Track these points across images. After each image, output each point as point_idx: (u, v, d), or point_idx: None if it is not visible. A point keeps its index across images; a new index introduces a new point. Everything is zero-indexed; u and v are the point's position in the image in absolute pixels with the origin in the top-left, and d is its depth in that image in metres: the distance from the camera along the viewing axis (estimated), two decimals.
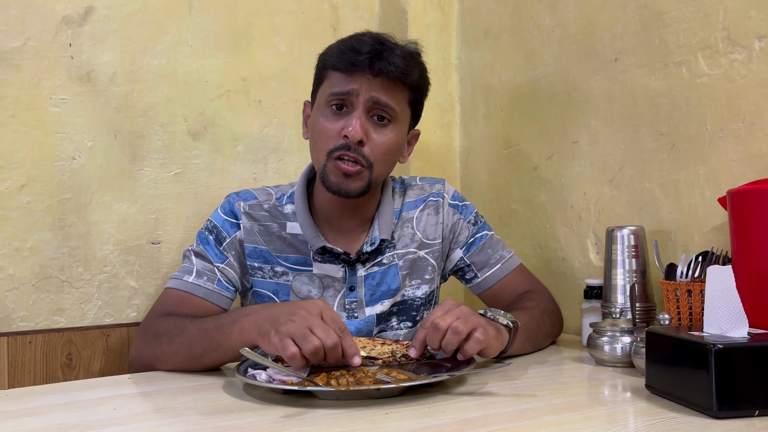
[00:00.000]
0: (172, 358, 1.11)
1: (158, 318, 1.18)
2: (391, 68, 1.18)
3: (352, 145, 1.19)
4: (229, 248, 1.28)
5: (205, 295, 1.23)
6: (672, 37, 1.29)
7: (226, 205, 1.31)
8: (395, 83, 1.20)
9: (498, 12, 1.74)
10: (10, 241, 1.40)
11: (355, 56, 1.17)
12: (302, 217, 1.28)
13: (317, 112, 1.24)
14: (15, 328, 1.40)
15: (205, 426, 0.82)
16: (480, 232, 1.39)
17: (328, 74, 1.23)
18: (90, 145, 1.47)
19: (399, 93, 1.22)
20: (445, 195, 1.38)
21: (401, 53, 1.20)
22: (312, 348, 0.92)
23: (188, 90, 1.58)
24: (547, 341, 1.31)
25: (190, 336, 1.09)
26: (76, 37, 1.46)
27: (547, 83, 1.59)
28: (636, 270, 1.24)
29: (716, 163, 1.22)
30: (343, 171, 1.20)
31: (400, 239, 1.33)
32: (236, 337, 1.05)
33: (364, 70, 1.18)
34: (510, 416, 0.84)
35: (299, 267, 1.28)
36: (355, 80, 1.19)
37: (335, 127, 1.20)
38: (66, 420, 0.87)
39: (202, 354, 1.08)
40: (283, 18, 1.70)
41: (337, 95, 1.20)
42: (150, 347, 1.14)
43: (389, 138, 1.22)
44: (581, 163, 1.50)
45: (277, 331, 0.96)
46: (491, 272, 1.37)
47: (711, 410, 0.80)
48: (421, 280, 1.34)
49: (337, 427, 0.80)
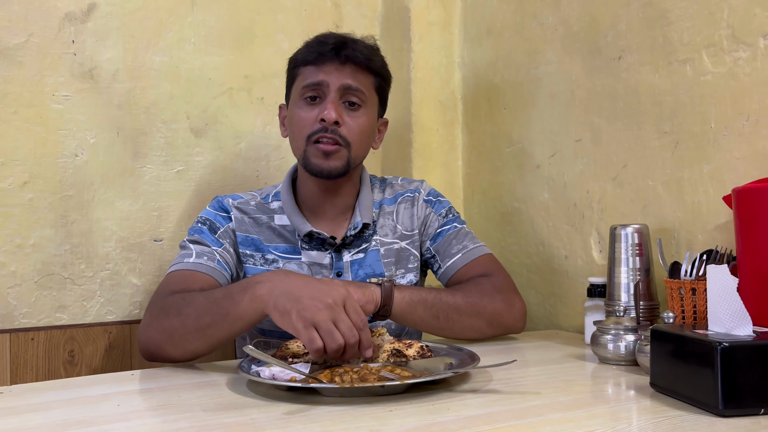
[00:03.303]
0: (180, 330, 1.09)
1: (164, 295, 1.17)
2: (356, 55, 1.29)
3: (329, 127, 1.27)
4: (223, 236, 1.31)
5: (208, 272, 1.24)
6: (676, 35, 1.28)
7: (214, 203, 1.37)
8: (362, 69, 1.31)
9: (501, 9, 1.74)
10: (12, 237, 1.39)
11: (323, 48, 1.29)
12: (288, 207, 1.35)
13: (293, 107, 1.33)
14: (17, 324, 1.40)
15: (208, 422, 0.82)
16: (448, 225, 1.41)
17: (299, 71, 1.33)
18: (92, 142, 1.47)
19: (366, 78, 1.32)
20: (421, 191, 1.45)
21: (363, 45, 1.32)
22: (336, 347, 0.96)
23: (191, 87, 1.58)
24: (470, 320, 1.25)
25: (198, 306, 1.09)
26: (79, 33, 1.46)
27: (549, 81, 1.59)
28: (640, 268, 1.24)
29: (720, 161, 1.22)
30: (323, 151, 1.28)
31: (381, 228, 1.39)
32: (246, 305, 1.04)
33: (332, 59, 1.28)
34: (514, 414, 0.84)
35: (288, 255, 1.33)
36: (325, 70, 1.29)
37: (311, 115, 1.29)
38: (69, 416, 0.86)
39: (210, 323, 1.07)
40: (286, 15, 1.70)
41: (309, 86, 1.29)
42: (158, 320, 1.13)
43: (362, 120, 1.32)
44: (584, 161, 1.50)
45: (300, 315, 0.96)
46: (451, 261, 1.37)
47: (716, 408, 0.80)
48: (405, 270, 1.38)
49: (341, 424, 0.80)
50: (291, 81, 1.35)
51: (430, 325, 1.23)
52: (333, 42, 1.29)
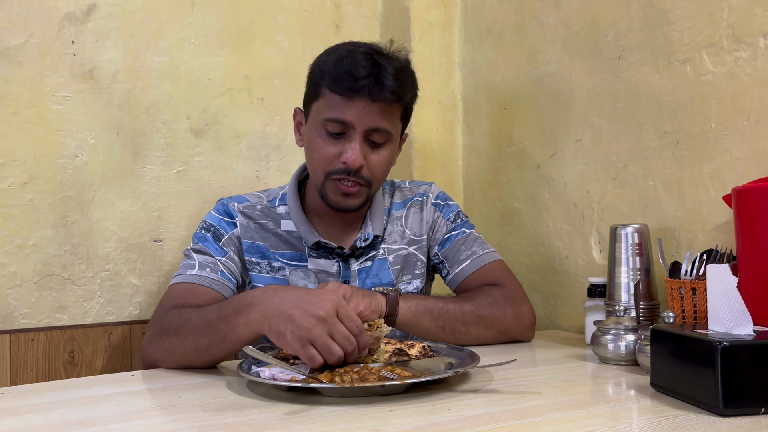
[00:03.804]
0: (179, 348, 1.10)
1: (165, 311, 1.17)
2: (387, 94, 1.20)
3: (351, 170, 1.23)
4: (228, 244, 1.29)
5: (211, 285, 1.23)
6: (676, 35, 1.28)
7: (219, 206, 1.34)
8: (391, 106, 1.23)
9: (501, 10, 1.74)
10: (12, 238, 1.39)
11: (353, 82, 1.19)
12: (296, 215, 1.32)
13: (313, 130, 1.26)
14: (17, 325, 1.40)
15: (209, 423, 0.82)
16: (457, 230, 1.39)
17: (324, 93, 1.23)
18: (92, 142, 1.47)
19: (394, 113, 1.25)
20: (430, 194, 1.43)
21: (393, 71, 1.21)
22: (335, 360, 0.95)
23: (191, 88, 1.58)
24: (477, 331, 1.24)
25: (194, 327, 1.08)
26: (79, 34, 1.46)
27: (550, 81, 1.59)
28: (640, 268, 1.24)
29: (721, 161, 1.22)
30: (342, 191, 1.25)
31: (389, 235, 1.37)
32: (243, 329, 1.03)
33: (363, 96, 1.20)
34: (514, 413, 0.84)
35: (295, 262, 1.31)
36: (353, 108, 1.20)
37: (333, 151, 1.23)
38: (69, 417, 0.86)
39: (209, 345, 1.07)
40: (286, 16, 1.70)
41: (333, 121, 1.22)
42: (158, 339, 1.13)
43: (385, 156, 1.27)
44: (584, 161, 1.50)
45: (295, 335, 0.95)
46: (460, 268, 1.36)
47: (717, 408, 0.80)
48: (412, 275, 1.37)
49: (341, 424, 0.80)
50: (313, 97, 1.26)
51: (436, 335, 1.22)
52: (365, 75, 1.19)
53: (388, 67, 1.21)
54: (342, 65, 1.21)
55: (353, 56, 1.21)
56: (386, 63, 1.22)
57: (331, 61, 1.23)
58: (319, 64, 1.26)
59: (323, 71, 1.24)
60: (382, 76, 1.20)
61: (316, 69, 1.27)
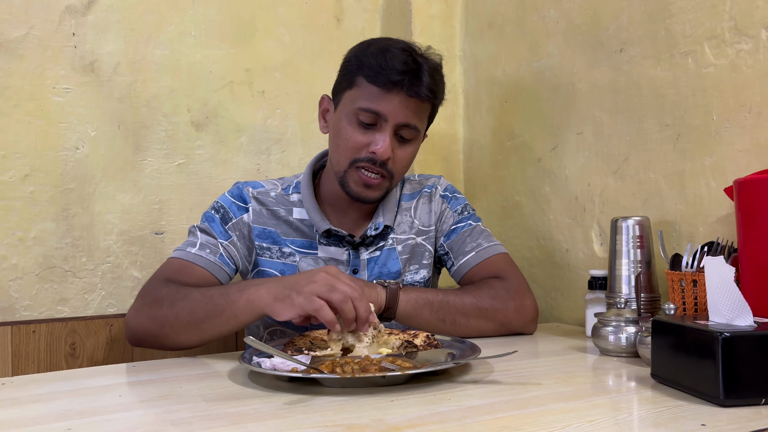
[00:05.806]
0: (172, 321, 1.11)
1: (159, 283, 1.18)
2: (424, 91, 1.23)
3: (378, 161, 1.24)
4: (233, 228, 1.30)
5: (206, 266, 1.24)
6: (678, 27, 1.28)
7: (234, 189, 1.35)
8: (424, 103, 1.26)
9: (502, 3, 1.73)
10: (13, 231, 1.40)
11: (392, 75, 1.21)
12: (308, 203, 1.33)
13: (342, 117, 1.27)
14: (19, 317, 1.40)
15: (210, 413, 0.82)
16: (463, 222, 1.40)
17: (360, 83, 1.24)
18: (93, 135, 1.47)
19: (424, 112, 1.29)
20: (438, 187, 1.44)
21: (430, 70, 1.24)
22: (341, 296, 0.98)
23: (191, 81, 1.58)
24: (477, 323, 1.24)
25: (193, 301, 1.10)
26: (80, 26, 1.46)
27: (551, 74, 1.59)
28: (641, 260, 1.24)
29: (722, 153, 1.22)
30: (364, 181, 1.26)
31: (399, 225, 1.38)
32: (243, 305, 1.06)
33: (400, 90, 1.22)
34: (515, 404, 0.84)
35: (305, 250, 1.33)
36: (389, 100, 1.22)
37: (363, 140, 1.25)
38: (71, 407, 0.87)
39: (204, 318, 1.08)
40: (287, 9, 1.69)
41: (367, 112, 1.23)
42: (149, 309, 1.14)
43: (410, 152, 1.30)
44: (585, 155, 1.50)
45: (299, 292, 1.00)
46: (465, 260, 1.36)
47: (717, 398, 0.80)
48: (419, 265, 1.37)
49: (342, 414, 0.80)
50: (346, 86, 1.27)
51: (436, 327, 1.22)
52: (405, 70, 1.21)
53: (425, 65, 1.24)
54: (383, 58, 1.22)
55: (393, 51, 1.23)
56: (423, 61, 1.25)
57: (371, 53, 1.25)
58: (357, 55, 1.27)
59: (362, 62, 1.25)
60: (420, 72, 1.23)
61: (353, 58, 1.27)
